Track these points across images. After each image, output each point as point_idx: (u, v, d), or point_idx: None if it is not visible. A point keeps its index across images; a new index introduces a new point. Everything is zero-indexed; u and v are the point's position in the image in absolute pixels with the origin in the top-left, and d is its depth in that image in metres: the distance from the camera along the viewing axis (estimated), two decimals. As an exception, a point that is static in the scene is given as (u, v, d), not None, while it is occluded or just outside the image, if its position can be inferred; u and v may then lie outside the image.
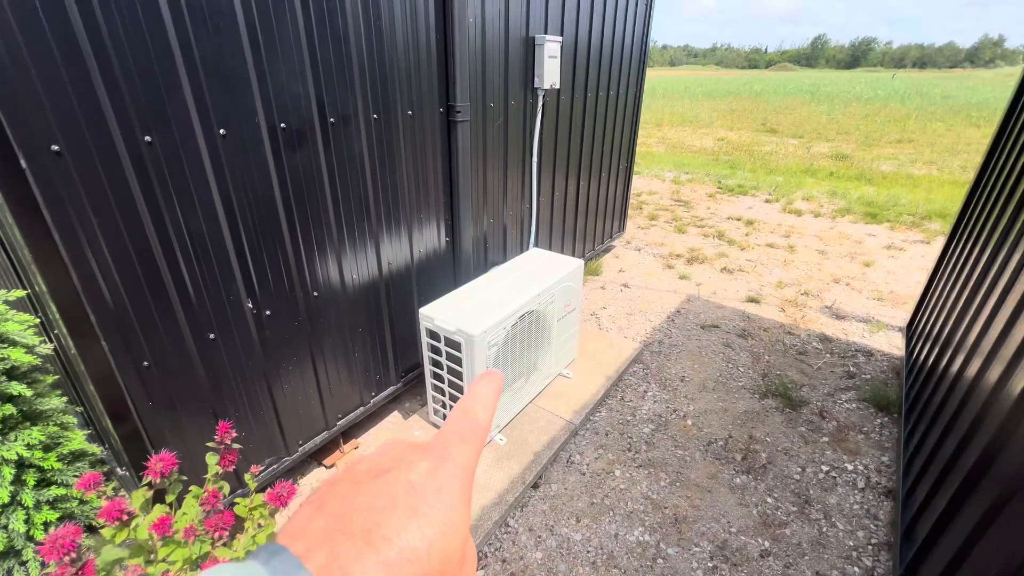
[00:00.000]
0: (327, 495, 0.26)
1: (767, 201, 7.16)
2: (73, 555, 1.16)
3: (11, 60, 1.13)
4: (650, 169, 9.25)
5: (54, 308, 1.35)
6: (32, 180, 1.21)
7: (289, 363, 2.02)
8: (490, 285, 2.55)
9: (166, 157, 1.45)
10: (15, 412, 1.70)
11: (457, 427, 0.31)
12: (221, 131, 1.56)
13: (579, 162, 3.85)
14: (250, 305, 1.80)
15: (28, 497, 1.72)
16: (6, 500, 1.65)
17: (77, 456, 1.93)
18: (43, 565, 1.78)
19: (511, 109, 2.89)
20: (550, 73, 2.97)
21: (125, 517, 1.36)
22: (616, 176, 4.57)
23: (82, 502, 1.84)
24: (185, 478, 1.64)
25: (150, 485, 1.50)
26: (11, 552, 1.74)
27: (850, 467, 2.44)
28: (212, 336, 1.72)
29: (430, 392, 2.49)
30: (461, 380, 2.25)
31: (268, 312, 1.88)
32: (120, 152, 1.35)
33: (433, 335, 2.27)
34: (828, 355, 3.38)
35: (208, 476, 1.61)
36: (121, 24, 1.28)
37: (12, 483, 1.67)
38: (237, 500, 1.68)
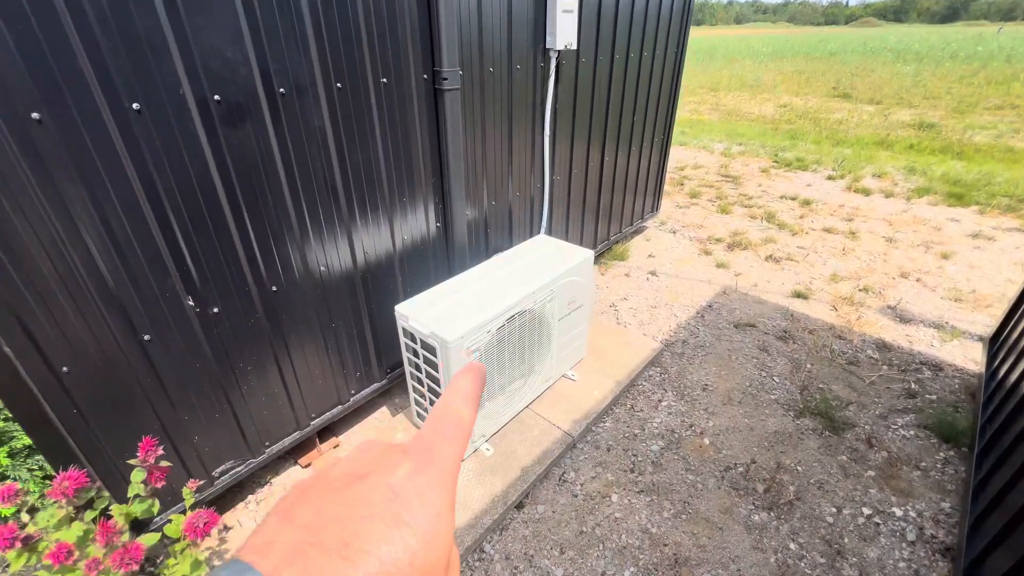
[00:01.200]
0: (297, 503, 0.25)
1: (830, 178, 6.35)
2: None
3: None
4: (698, 139, 8.48)
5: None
6: None
7: (247, 363, 1.85)
8: (484, 277, 2.27)
9: (64, 137, 1.24)
10: (-45, 408, 1.62)
11: (439, 425, 0.30)
12: (135, 106, 1.33)
13: (603, 134, 3.42)
14: (191, 302, 1.62)
15: (-23, 493, 1.65)
16: (-50, 497, 1.58)
17: (34, 450, 1.86)
18: None
19: (516, 74, 2.52)
20: (565, 31, 2.55)
21: (18, 544, 1.23)
22: (650, 149, 4.08)
23: (42, 496, 1.77)
24: (108, 494, 1.51)
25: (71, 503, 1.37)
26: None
27: (899, 512, 2.04)
28: (148, 337, 1.55)
29: (412, 394, 2.28)
30: (439, 387, 2.01)
31: (215, 310, 1.69)
32: (2, 132, 1.15)
33: (409, 335, 2.03)
34: (885, 367, 2.89)
35: (132, 494, 1.48)
36: (-21, -26, 1.05)
37: (-42, 480, 1.60)
38: (172, 517, 1.54)
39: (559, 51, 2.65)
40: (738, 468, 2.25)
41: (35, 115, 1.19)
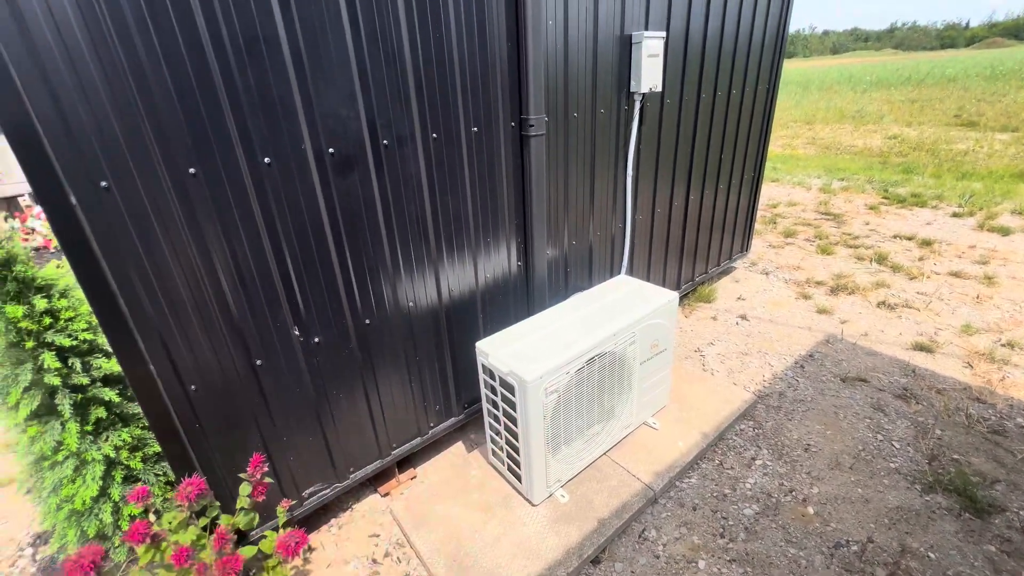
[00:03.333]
0: None
1: (955, 215, 5.63)
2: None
3: (57, 92, 1.18)
4: (792, 175, 7.97)
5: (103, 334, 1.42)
6: (81, 213, 1.27)
7: (340, 390, 1.98)
8: (563, 317, 2.26)
9: (210, 188, 1.46)
10: (106, 415, 1.89)
11: None
12: (266, 160, 1.54)
13: (688, 174, 3.33)
14: (297, 332, 1.78)
15: (116, 492, 1.90)
16: (95, 494, 1.83)
17: (161, 457, 2.10)
18: (130, 551, 1.96)
19: (600, 118, 2.56)
20: (649, 75, 2.57)
21: (148, 540, 1.37)
22: (739, 187, 3.90)
23: (165, 499, 1.99)
24: (219, 504, 1.65)
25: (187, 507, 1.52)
26: (102, 538, 1.93)
27: (1076, 627, 1.64)
28: (260, 362, 1.72)
29: (488, 432, 2.28)
30: (516, 426, 2.00)
31: (316, 339, 1.84)
32: (166, 184, 1.38)
33: (489, 372, 2.05)
34: (1043, 440, 2.41)
35: (238, 506, 1.60)
36: (163, 57, 1.29)
37: (102, 478, 1.84)
38: (266, 533, 1.65)
39: (643, 94, 2.67)
40: (851, 546, 1.96)
41: (192, 170, 1.41)
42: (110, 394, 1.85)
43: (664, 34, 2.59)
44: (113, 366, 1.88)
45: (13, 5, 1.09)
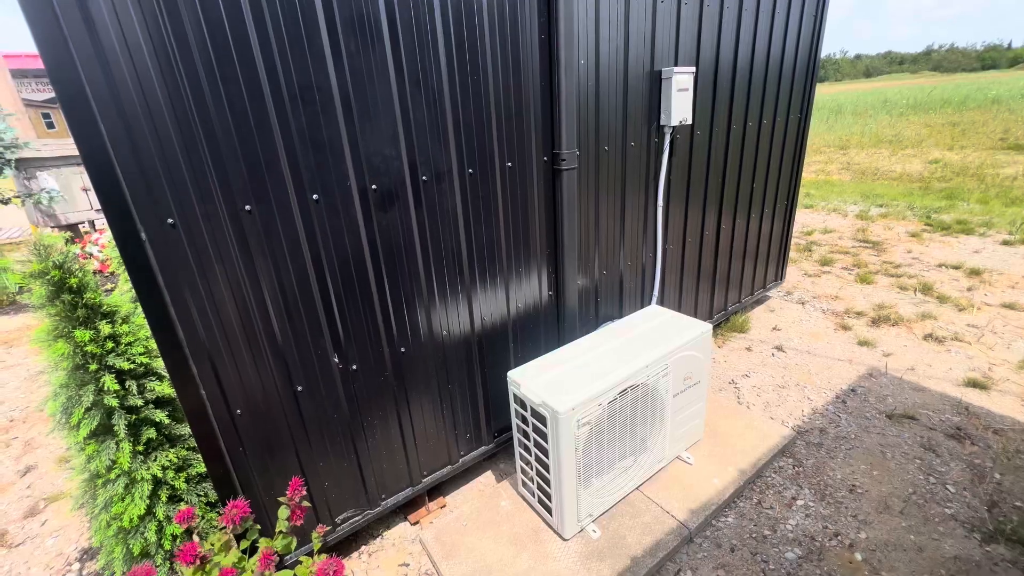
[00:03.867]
0: None
1: (1006, 243, 5.37)
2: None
3: (136, 139, 1.30)
4: (827, 201, 7.79)
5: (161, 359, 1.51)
6: (149, 249, 1.37)
7: (374, 417, 2.02)
8: (594, 348, 2.26)
9: (263, 224, 1.55)
10: (156, 436, 1.98)
11: None
12: (314, 197, 1.63)
13: (719, 203, 3.32)
14: (336, 360, 1.84)
15: (161, 511, 1.97)
16: (142, 512, 1.90)
17: (205, 477, 2.18)
18: (171, 570, 2.02)
19: (630, 151, 2.60)
20: (679, 108, 2.61)
21: (198, 561, 1.42)
22: (771, 215, 3.85)
23: (203, 518, 2.05)
24: (259, 527, 1.69)
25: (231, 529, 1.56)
26: (145, 556, 2.00)
27: None
28: (300, 388, 1.78)
29: (518, 462, 2.27)
30: (547, 457, 1.99)
31: (354, 367, 1.90)
32: (224, 221, 1.48)
33: (520, 402, 2.06)
34: (1118, 488, 2.22)
35: (277, 529, 1.64)
36: (228, 104, 1.41)
37: (149, 497, 1.92)
38: (301, 559, 1.68)
39: (674, 126, 2.70)
40: (905, 598, 1.84)
41: (247, 207, 1.52)
42: (160, 415, 1.95)
43: (693, 69, 2.64)
44: (165, 388, 1.98)
45: (103, 59, 1.22)
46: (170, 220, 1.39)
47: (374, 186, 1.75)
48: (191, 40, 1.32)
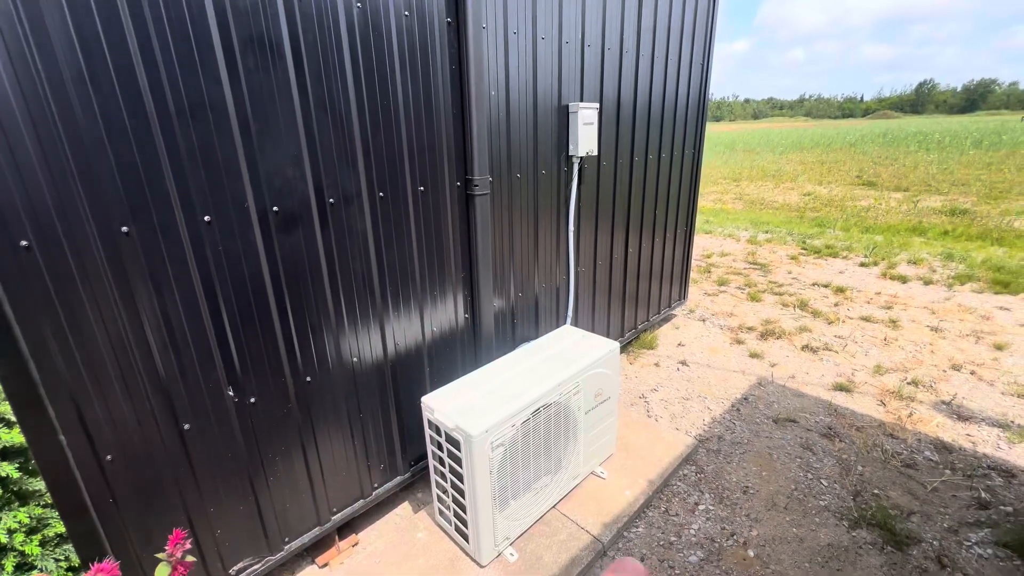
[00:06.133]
0: None
1: (862, 264, 6.28)
2: None
3: (-19, 163, 1.14)
4: (724, 227, 8.65)
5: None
6: (-6, 276, 1.20)
7: (275, 453, 1.88)
8: (508, 369, 2.29)
9: (144, 247, 1.42)
10: (2, 493, 1.69)
11: None
12: (206, 218, 1.53)
13: (626, 228, 3.57)
14: (231, 392, 1.70)
15: (4, 584, 1.67)
16: (-21, 587, 1.60)
17: (65, 538, 1.88)
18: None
19: (541, 178, 2.73)
20: (586, 140, 2.80)
21: None
22: (673, 240, 4.20)
23: (64, 588, 1.76)
24: (130, 591, 1.49)
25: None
26: (-18, 642, 1.67)
27: (987, 653, 1.75)
28: (187, 427, 1.62)
29: (435, 490, 2.22)
30: (463, 483, 1.97)
31: (252, 399, 1.77)
32: (94, 243, 1.34)
33: (435, 428, 2.03)
34: (948, 471, 2.64)
35: (152, 592, 1.45)
36: (100, 115, 1.29)
37: (-11, 569, 1.62)
38: (185, 620, 1.49)
39: (581, 157, 2.88)
40: (789, 587, 2.02)
41: (124, 228, 1.38)
42: (8, 468, 1.67)
43: (598, 105, 2.85)
44: (15, 436, 1.71)
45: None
46: (24, 242, 1.23)
47: (275, 208, 1.68)
48: (56, 46, 1.20)
